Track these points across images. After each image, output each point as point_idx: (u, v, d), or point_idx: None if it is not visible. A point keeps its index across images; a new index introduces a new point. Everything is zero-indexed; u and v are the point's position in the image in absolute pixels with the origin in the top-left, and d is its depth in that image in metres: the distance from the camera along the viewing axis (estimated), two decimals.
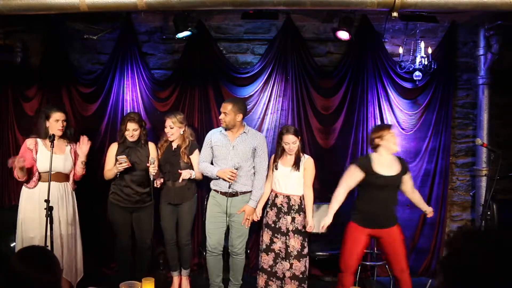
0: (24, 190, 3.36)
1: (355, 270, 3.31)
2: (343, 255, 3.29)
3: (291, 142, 3.42)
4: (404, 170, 3.27)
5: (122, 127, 3.60)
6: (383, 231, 3.22)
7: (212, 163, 3.59)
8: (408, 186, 3.35)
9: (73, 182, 3.52)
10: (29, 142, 3.38)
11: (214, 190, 3.57)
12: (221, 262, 3.62)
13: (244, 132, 3.55)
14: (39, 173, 3.34)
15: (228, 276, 3.70)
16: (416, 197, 3.46)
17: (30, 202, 3.29)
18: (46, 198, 2.98)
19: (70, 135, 3.52)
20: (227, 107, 3.46)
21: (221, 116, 3.49)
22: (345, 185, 3.28)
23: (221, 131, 3.58)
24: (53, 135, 3.11)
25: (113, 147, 3.65)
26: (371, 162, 3.22)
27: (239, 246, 3.55)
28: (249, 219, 3.51)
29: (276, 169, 3.51)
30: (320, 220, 4.20)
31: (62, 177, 3.39)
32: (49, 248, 2.85)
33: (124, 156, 3.43)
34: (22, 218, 3.31)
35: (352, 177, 3.26)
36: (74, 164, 3.48)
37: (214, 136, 3.58)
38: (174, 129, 3.62)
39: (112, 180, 3.61)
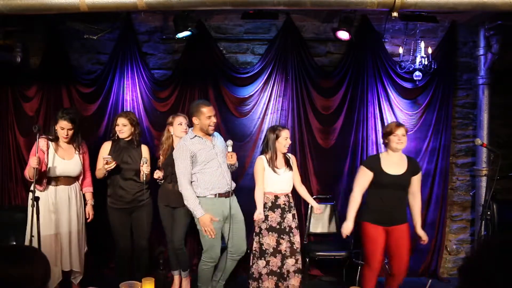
0: (36, 192, 3.36)
1: (379, 266, 3.31)
2: (366, 254, 3.33)
3: (289, 136, 3.55)
4: (412, 171, 3.27)
5: (113, 124, 3.67)
6: (393, 228, 3.26)
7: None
8: (412, 189, 3.33)
9: (91, 184, 3.65)
10: (42, 143, 3.39)
11: (211, 195, 3.30)
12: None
13: (212, 134, 3.44)
14: (47, 177, 3.40)
15: (213, 279, 3.55)
16: (415, 207, 3.36)
17: (40, 203, 3.30)
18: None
19: (78, 141, 3.55)
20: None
21: (214, 120, 3.33)
22: (359, 187, 3.32)
23: (194, 136, 3.33)
24: (39, 127, 3.12)
25: (105, 146, 3.64)
26: (380, 161, 3.27)
27: (245, 246, 3.45)
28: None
29: (278, 173, 3.48)
30: (321, 221, 4.21)
31: (71, 180, 3.50)
32: (35, 239, 2.98)
33: (109, 156, 3.45)
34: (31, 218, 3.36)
35: (363, 177, 3.30)
36: (83, 168, 3.58)
37: (191, 145, 3.29)
38: (185, 126, 3.64)
39: (108, 183, 3.63)
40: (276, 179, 3.49)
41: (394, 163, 3.26)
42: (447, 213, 4.41)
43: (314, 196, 4.20)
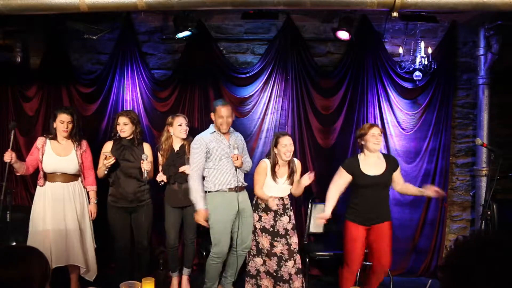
0: (37, 187, 3.47)
1: (358, 267, 3.34)
2: (345, 253, 3.34)
3: (289, 143, 3.41)
4: (391, 168, 3.29)
5: (114, 123, 3.67)
6: (374, 226, 3.27)
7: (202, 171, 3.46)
8: (400, 182, 3.37)
9: (94, 183, 3.63)
10: (39, 142, 3.46)
11: (221, 190, 3.40)
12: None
13: (232, 132, 3.57)
14: (44, 173, 3.42)
15: (223, 275, 3.63)
16: (410, 188, 3.44)
17: (40, 199, 3.41)
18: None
19: (78, 137, 3.53)
20: (231, 109, 3.49)
21: (229, 120, 3.43)
22: (335, 186, 3.32)
23: (213, 132, 3.46)
24: (14, 124, 3.35)
25: (107, 146, 3.65)
26: (358, 163, 3.27)
27: (250, 242, 3.49)
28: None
29: (276, 182, 3.46)
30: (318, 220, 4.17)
31: (69, 178, 3.47)
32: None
33: (108, 151, 3.49)
34: (34, 213, 3.42)
35: (341, 179, 3.31)
36: (82, 165, 3.54)
37: (209, 140, 3.42)
38: (185, 127, 3.66)
39: (111, 182, 3.62)
40: (273, 186, 3.47)
41: (372, 164, 3.26)
42: (447, 213, 4.41)
43: (314, 196, 4.21)
